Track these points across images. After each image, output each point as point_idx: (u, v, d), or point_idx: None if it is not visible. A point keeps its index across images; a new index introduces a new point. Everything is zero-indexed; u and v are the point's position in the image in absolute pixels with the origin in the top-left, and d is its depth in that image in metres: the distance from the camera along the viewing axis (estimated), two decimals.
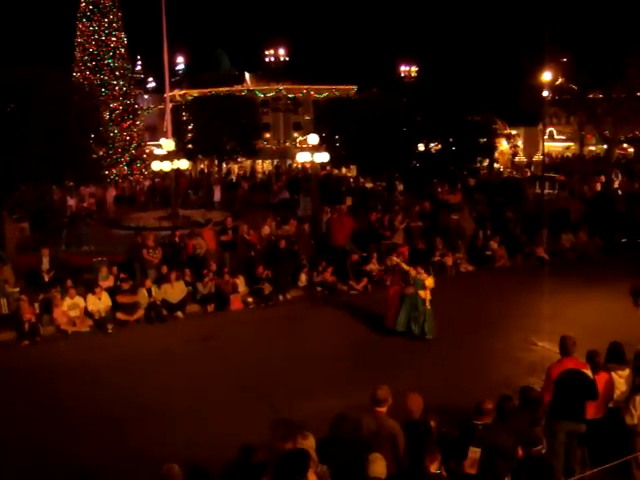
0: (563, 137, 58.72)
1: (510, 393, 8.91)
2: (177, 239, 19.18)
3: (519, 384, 11.06)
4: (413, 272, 14.34)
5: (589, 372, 8.33)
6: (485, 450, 6.95)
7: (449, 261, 20.28)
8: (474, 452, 7.03)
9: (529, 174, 41.23)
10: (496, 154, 39.59)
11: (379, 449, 6.75)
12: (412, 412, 7.72)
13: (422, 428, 7.68)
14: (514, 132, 55.94)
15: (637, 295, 14.72)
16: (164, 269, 17.40)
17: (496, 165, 44.94)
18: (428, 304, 14.29)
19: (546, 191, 29.43)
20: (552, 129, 56.97)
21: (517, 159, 53.58)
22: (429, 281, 14.33)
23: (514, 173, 43.79)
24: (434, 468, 7.16)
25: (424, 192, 28.96)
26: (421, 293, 14.28)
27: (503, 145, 52.71)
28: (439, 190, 29.21)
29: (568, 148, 58.16)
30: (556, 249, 22.34)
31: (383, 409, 7.42)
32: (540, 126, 51.74)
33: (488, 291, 18.20)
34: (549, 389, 8.32)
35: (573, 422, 8.22)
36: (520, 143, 57.20)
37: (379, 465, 6.43)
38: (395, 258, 15.55)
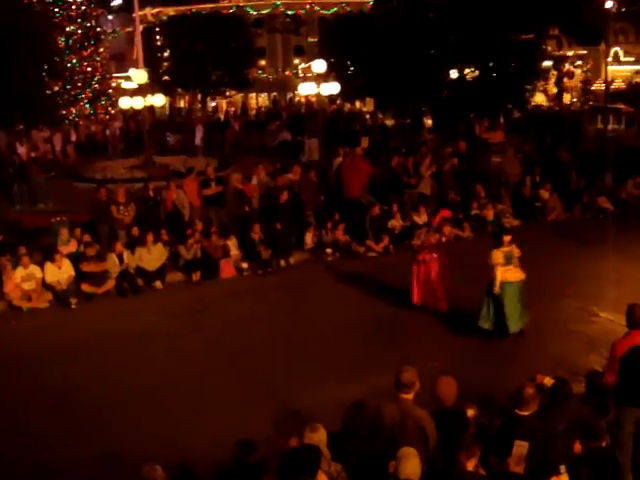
0: (631, 59, 57.90)
1: (565, 375, 8.98)
2: (151, 193, 19.18)
3: (576, 364, 11.21)
4: (497, 254, 13.04)
5: None
6: (533, 443, 7.00)
7: (489, 214, 20.19)
8: (520, 446, 7.08)
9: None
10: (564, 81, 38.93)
11: (405, 443, 6.80)
12: (444, 399, 7.76)
13: (457, 418, 7.73)
14: (584, 52, 54.87)
15: None
16: (136, 230, 17.46)
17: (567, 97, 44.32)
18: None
19: (610, 126, 29.21)
20: (617, 49, 56.22)
21: (595, 86, 52.31)
22: (516, 249, 13.26)
23: (591, 104, 43.10)
24: (471, 465, 7.22)
25: (458, 129, 28.76)
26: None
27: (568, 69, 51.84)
28: (477, 127, 29.00)
29: (638, 72, 57.41)
30: (622, 198, 22.24)
31: (409, 395, 7.46)
32: (603, 45, 51.04)
33: (538, 250, 18.10)
34: (613, 369, 8.33)
35: None
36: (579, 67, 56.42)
37: (412, 463, 6.33)
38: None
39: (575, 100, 48.46)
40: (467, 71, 33.11)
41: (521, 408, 7.27)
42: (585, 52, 55.27)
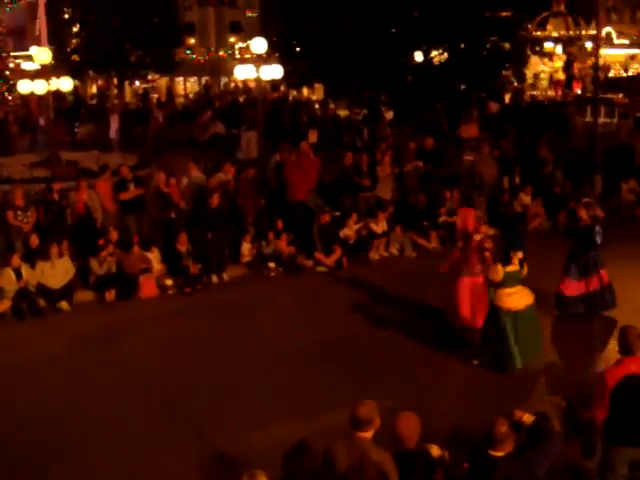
0: (626, 42, 58.89)
1: (547, 409, 9.10)
2: (56, 195, 19.02)
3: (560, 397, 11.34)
4: (499, 270, 13.09)
5: None
6: None
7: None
8: None
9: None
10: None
11: None
12: (404, 438, 7.79)
13: (420, 461, 7.78)
14: (591, 32, 55.50)
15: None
16: (34, 240, 17.29)
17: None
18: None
19: (601, 120, 29.62)
20: (610, 30, 57.19)
21: (612, 73, 52.53)
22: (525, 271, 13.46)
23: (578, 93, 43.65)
24: None
25: (423, 122, 28.99)
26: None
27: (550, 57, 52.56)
28: (445, 120, 29.28)
29: (633, 58, 58.38)
30: (615, 203, 22.60)
31: (367, 434, 7.48)
32: (593, 25, 51.97)
33: None
34: (604, 403, 8.44)
35: (638, 449, 8.36)
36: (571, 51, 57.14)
37: None
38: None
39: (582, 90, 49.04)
40: (434, 53, 33.37)
41: (494, 448, 7.33)
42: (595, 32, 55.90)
